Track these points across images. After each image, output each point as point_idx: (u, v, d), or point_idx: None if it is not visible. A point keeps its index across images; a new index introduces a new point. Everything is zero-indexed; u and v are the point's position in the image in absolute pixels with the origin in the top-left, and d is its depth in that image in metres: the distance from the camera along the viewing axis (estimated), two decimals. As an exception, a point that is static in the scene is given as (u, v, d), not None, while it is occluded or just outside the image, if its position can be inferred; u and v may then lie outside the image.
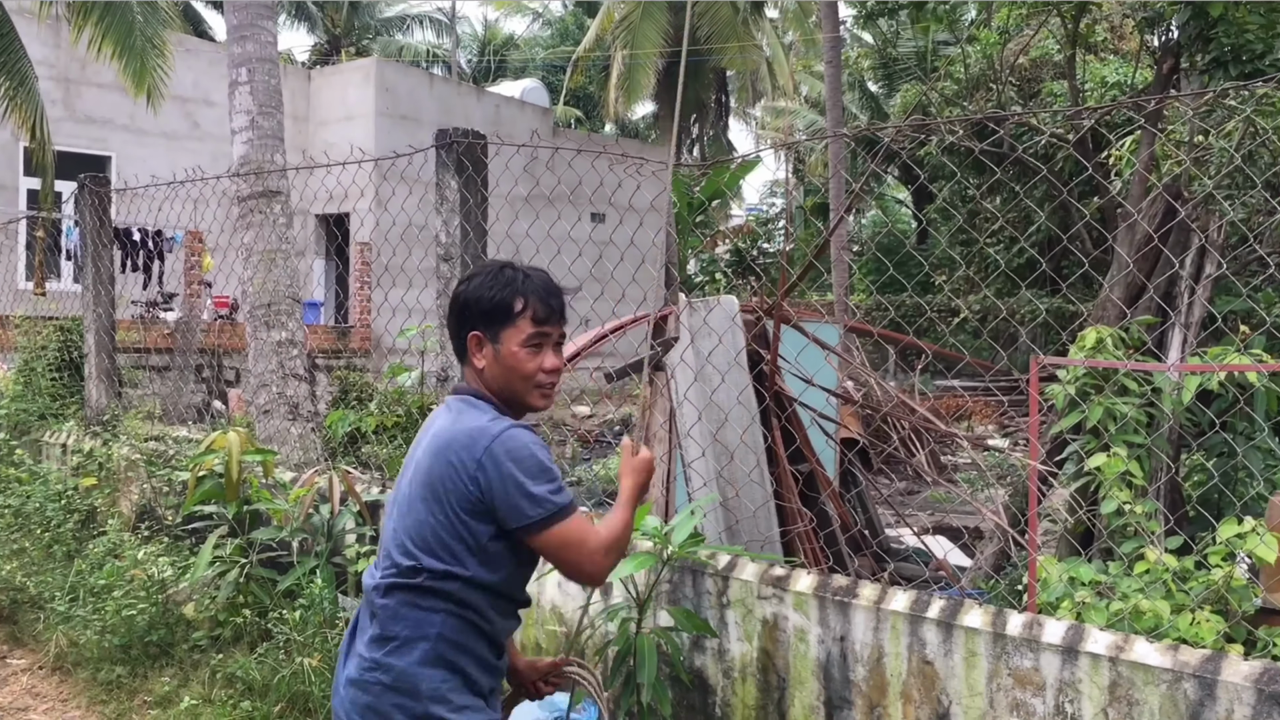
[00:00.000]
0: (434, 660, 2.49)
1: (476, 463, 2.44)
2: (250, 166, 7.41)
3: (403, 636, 2.49)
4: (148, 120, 17.53)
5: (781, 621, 3.94)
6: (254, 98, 7.51)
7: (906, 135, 8.94)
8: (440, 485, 2.48)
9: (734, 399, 4.78)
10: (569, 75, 34.23)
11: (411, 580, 2.49)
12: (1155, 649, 3.12)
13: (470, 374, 2.64)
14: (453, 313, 2.65)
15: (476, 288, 2.60)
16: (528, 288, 2.59)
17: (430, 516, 2.48)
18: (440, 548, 2.48)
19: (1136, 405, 5.40)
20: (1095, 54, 18.68)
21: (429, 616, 2.50)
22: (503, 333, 2.57)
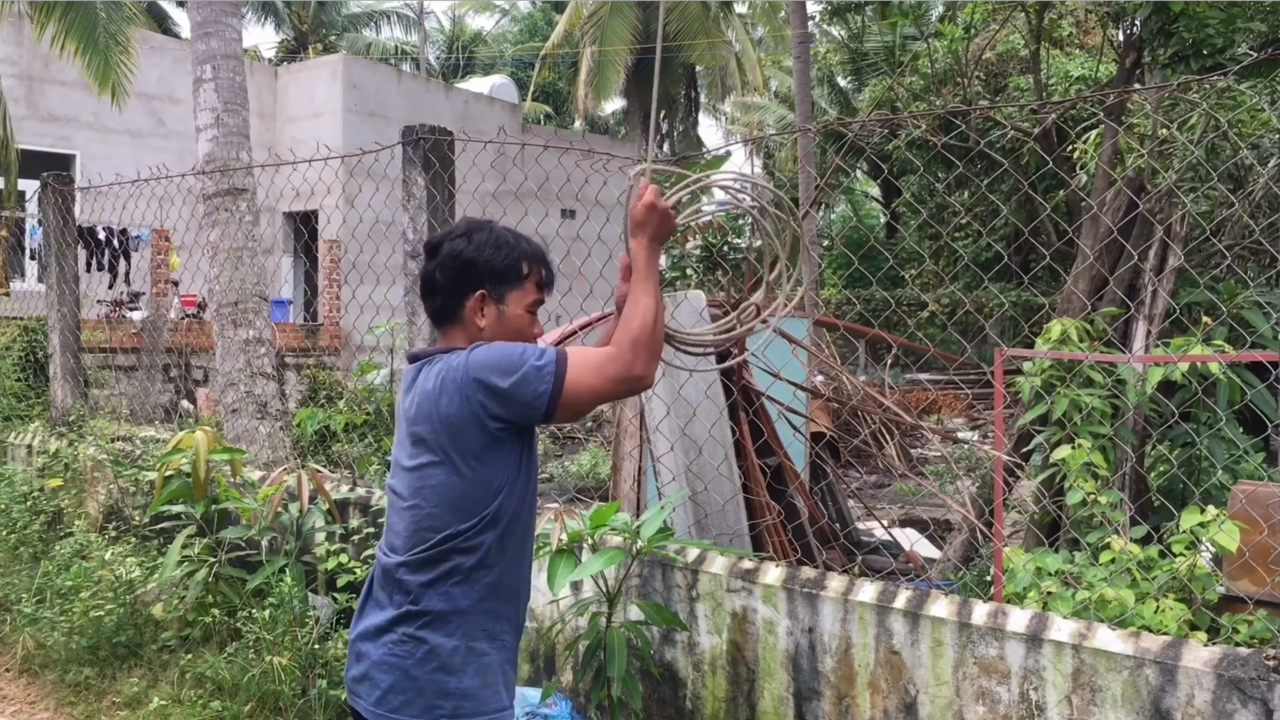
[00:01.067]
0: (470, 631, 2.43)
1: (467, 397, 2.37)
2: (216, 164, 7.37)
3: (437, 611, 2.43)
4: (112, 118, 17.39)
5: (750, 614, 3.96)
6: (219, 95, 7.47)
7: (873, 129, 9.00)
8: (449, 439, 2.40)
9: (702, 393, 4.80)
10: (538, 71, 34.17)
11: (444, 547, 2.43)
12: (1117, 636, 3.16)
13: (457, 336, 2.57)
14: (450, 270, 2.53)
15: (480, 246, 2.53)
16: (532, 250, 2.57)
17: (448, 475, 2.42)
18: (469, 499, 2.41)
19: (1101, 397, 5.46)
20: (1060, 49, 18.84)
21: (464, 588, 2.43)
22: (509, 294, 2.53)
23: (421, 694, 2.41)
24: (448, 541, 2.43)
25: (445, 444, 2.42)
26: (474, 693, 2.43)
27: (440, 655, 2.41)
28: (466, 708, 2.42)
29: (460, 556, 2.43)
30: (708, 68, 33.78)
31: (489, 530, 2.44)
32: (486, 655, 2.46)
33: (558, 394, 2.36)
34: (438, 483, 2.44)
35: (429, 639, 2.42)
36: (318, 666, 4.70)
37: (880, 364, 18.03)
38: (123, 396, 10.58)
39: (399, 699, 2.43)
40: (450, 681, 2.41)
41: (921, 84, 20.01)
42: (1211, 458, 5.66)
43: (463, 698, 2.42)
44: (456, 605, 2.43)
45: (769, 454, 5.24)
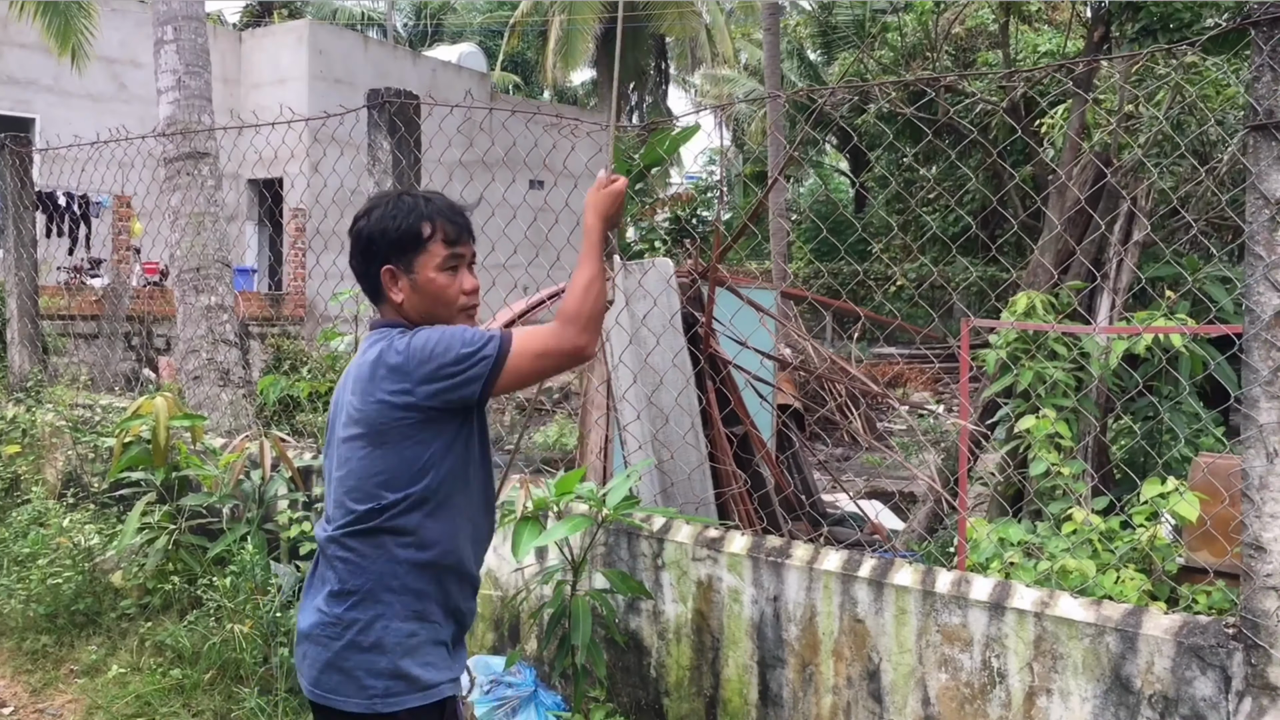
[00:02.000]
0: (398, 612, 2.41)
1: (405, 375, 2.35)
2: (177, 127, 7.25)
3: (364, 589, 2.40)
4: (73, 82, 17.10)
5: (716, 583, 3.96)
6: (180, 57, 7.34)
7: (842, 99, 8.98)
8: (379, 416, 2.38)
9: (669, 362, 4.78)
10: (506, 40, 33.84)
11: (370, 523, 2.40)
12: (1079, 604, 3.18)
13: (388, 310, 2.53)
14: (358, 250, 2.52)
15: (379, 220, 2.49)
16: (432, 210, 2.49)
17: (376, 450, 2.39)
18: (394, 477, 2.39)
19: (1065, 369, 5.49)
20: (1029, 23, 18.86)
21: (390, 566, 2.40)
22: (416, 261, 2.47)
23: (352, 674, 2.40)
24: (373, 518, 2.41)
25: (372, 420, 2.39)
26: (406, 672, 2.40)
27: (369, 635, 2.39)
28: (398, 687, 2.40)
29: (386, 535, 2.41)
30: (678, 39, 33.60)
31: (415, 510, 2.41)
32: (415, 635, 2.43)
33: (494, 378, 2.35)
34: (363, 456, 2.41)
35: (357, 618, 2.40)
36: (279, 634, 4.67)
37: (847, 336, 18.08)
38: (83, 364, 10.43)
39: (333, 679, 2.41)
40: (380, 661, 2.39)
41: (891, 57, 19.98)
42: (1173, 430, 5.71)
43: (393, 677, 2.40)
44: (384, 584, 2.41)
45: (735, 423, 5.23)
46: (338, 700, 2.41)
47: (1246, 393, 2.84)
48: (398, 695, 2.40)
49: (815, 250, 24.39)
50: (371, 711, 2.39)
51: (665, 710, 4.12)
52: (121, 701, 4.65)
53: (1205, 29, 7.01)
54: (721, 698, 3.95)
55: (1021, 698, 3.23)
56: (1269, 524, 2.80)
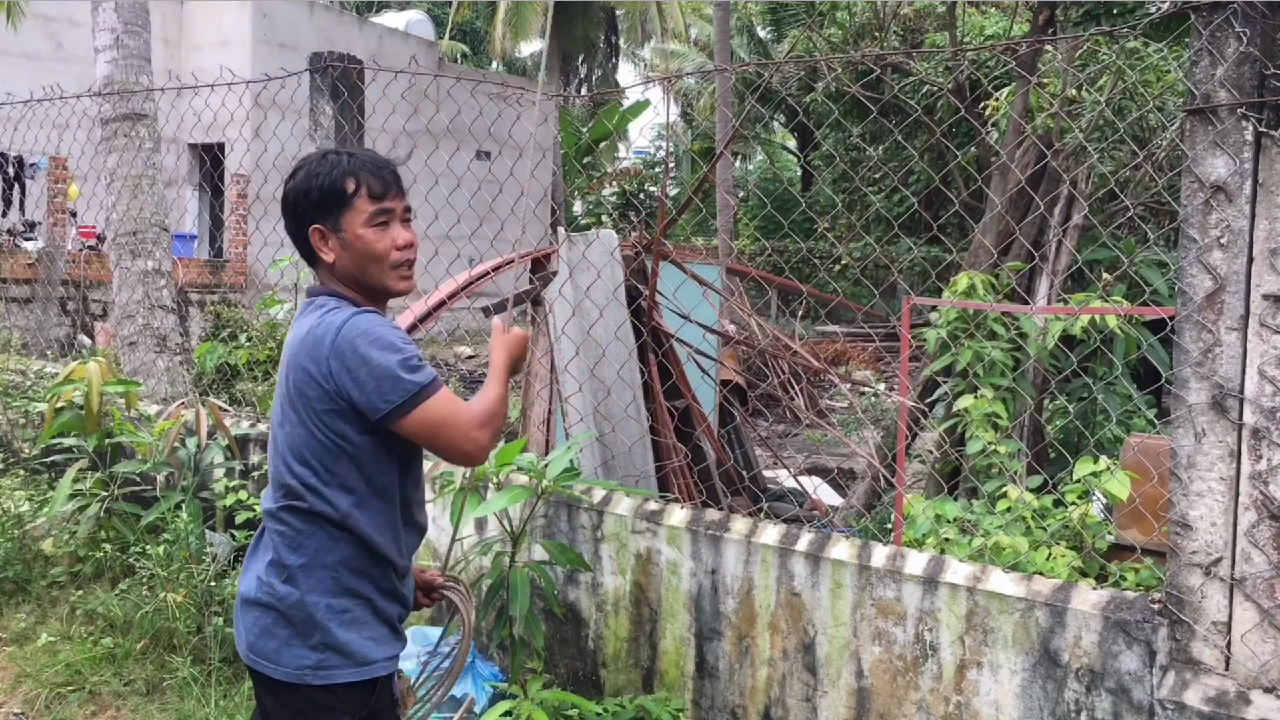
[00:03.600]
0: (332, 588, 2.40)
1: (325, 360, 2.31)
2: (114, 87, 7.08)
3: (297, 565, 2.39)
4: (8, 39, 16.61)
5: (655, 555, 3.97)
6: (119, 15, 7.16)
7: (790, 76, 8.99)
8: (300, 395, 2.36)
9: (611, 334, 4.78)
10: (455, 9, 33.47)
11: (300, 503, 2.38)
12: (1010, 579, 3.23)
13: (322, 274, 2.48)
14: (286, 213, 2.46)
15: (303, 180, 2.43)
16: (355, 165, 2.43)
17: (302, 429, 2.36)
18: (318, 462, 2.36)
19: (1003, 349, 5.56)
20: (976, 7, 19.00)
21: (325, 543, 2.39)
22: (343, 219, 2.41)
23: (287, 644, 2.39)
24: (306, 496, 2.38)
25: (300, 397, 2.37)
26: (339, 646, 2.39)
27: (302, 609, 2.38)
28: (330, 660, 2.39)
29: (318, 513, 2.39)
30: (628, 11, 33.44)
31: (345, 493, 2.39)
32: (349, 611, 2.42)
33: (404, 412, 2.31)
34: (293, 434, 2.39)
35: (291, 592, 2.39)
36: (214, 604, 4.62)
37: (790, 314, 18.18)
38: (15, 329, 10.22)
39: (267, 646, 2.40)
40: (314, 634, 2.38)
41: (840, 36, 20.05)
42: (1106, 410, 5.81)
43: (326, 649, 2.39)
44: (317, 560, 2.39)
45: (677, 397, 5.24)
46: (269, 668, 2.40)
47: (1177, 374, 2.89)
48: (329, 669, 2.39)
49: (761, 227, 24.46)
50: (301, 682, 2.38)
51: (603, 681, 4.13)
52: (51, 670, 4.58)
53: (1148, 14, 7.10)
54: (659, 669, 3.97)
55: (953, 670, 3.28)
56: (1195, 502, 2.86)
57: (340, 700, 2.42)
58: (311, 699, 2.40)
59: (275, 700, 2.45)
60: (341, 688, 2.41)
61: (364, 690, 2.45)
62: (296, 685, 2.39)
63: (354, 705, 2.45)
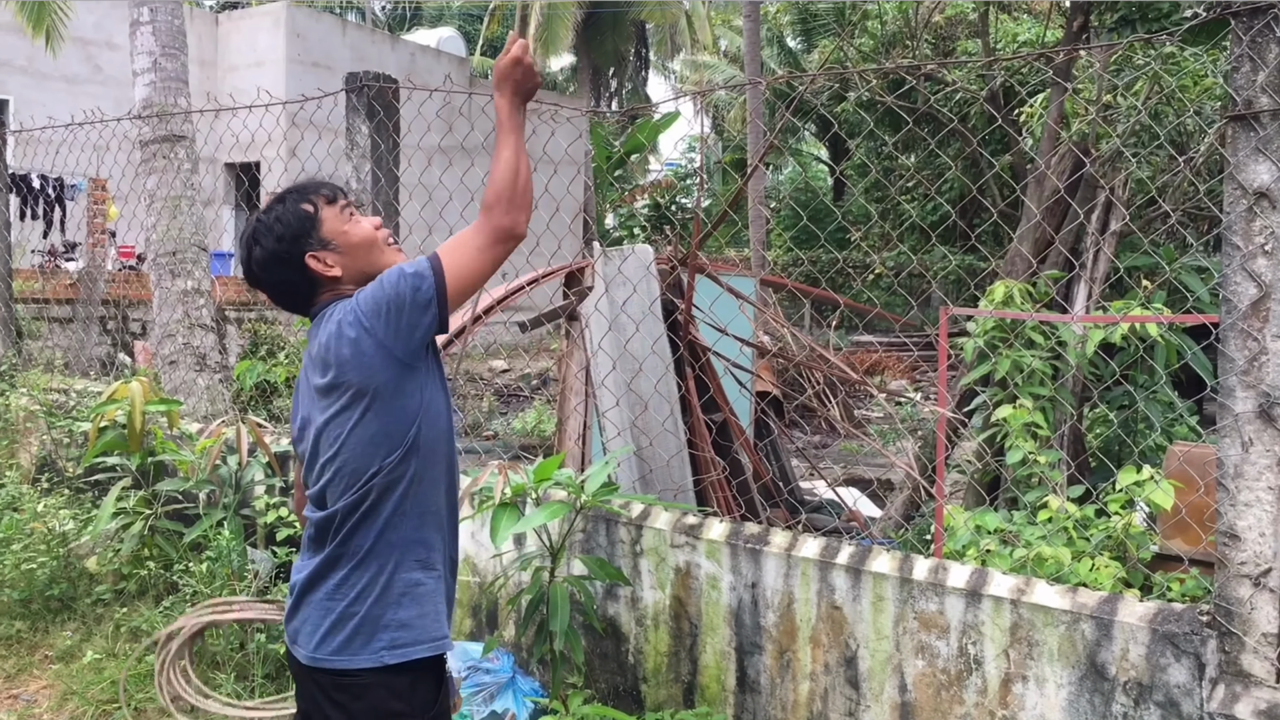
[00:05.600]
0: (404, 563, 2.43)
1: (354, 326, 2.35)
2: (153, 109, 7.18)
3: (365, 547, 2.41)
4: (47, 63, 16.91)
5: (694, 569, 3.97)
6: (156, 38, 7.26)
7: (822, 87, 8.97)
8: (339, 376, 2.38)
9: (648, 348, 4.78)
10: (486, 25, 33.66)
11: (362, 493, 2.40)
12: (1055, 591, 3.20)
13: (328, 296, 2.53)
14: (275, 271, 2.53)
15: (269, 235, 2.51)
16: (299, 194, 2.54)
17: (350, 419, 2.38)
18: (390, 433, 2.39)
19: (1042, 358, 5.52)
20: (1009, 13, 18.91)
21: (392, 519, 2.41)
22: (323, 232, 2.51)
23: (358, 631, 2.39)
24: (375, 478, 2.40)
25: (355, 384, 2.38)
26: (410, 622, 2.41)
27: (373, 590, 2.40)
28: (404, 638, 2.41)
29: (388, 490, 2.41)
30: (658, 25, 33.51)
31: (412, 458, 2.42)
32: (422, 585, 2.45)
33: (442, 289, 2.34)
34: (355, 424, 2.40)
35: (361, 576, 2.41)
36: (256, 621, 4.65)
37: (825, 324, 18.13)
38: (57, 348, 10.35)
39: (337, 639, 2.41)
40: (386, 614, 2.40)
41: (871, 45, 20.00)
42: (1148, 419, 5.75)
43: (399, 628, 2.41)
44: (386, 538, 2.42)
45: (714, 410, 5.23)
46: (342, 660, 2.40)
47: (1223, 382, 2.85)
48: (404, 646, 2.41)
49: (794, 238, 24.41)
50: (379, 664, 2.39)
51: (643, 696, 4.12)
52: (97, 687, 4.62)
53: (1184, 19, 7.03)
54: (699, 684, 3.96)
55: (997, 684, 3.25)
56: (1243, 512, 2.83)
57: (408, 699, 2.42)
58: (382, 701, 2.40)
59: (344, 704, 2.43)
60: (412, 675, 2.42)
61: (433, 682, 2.47)
62: (369, 675, 2.39)
63: (422, 704, 2.46)
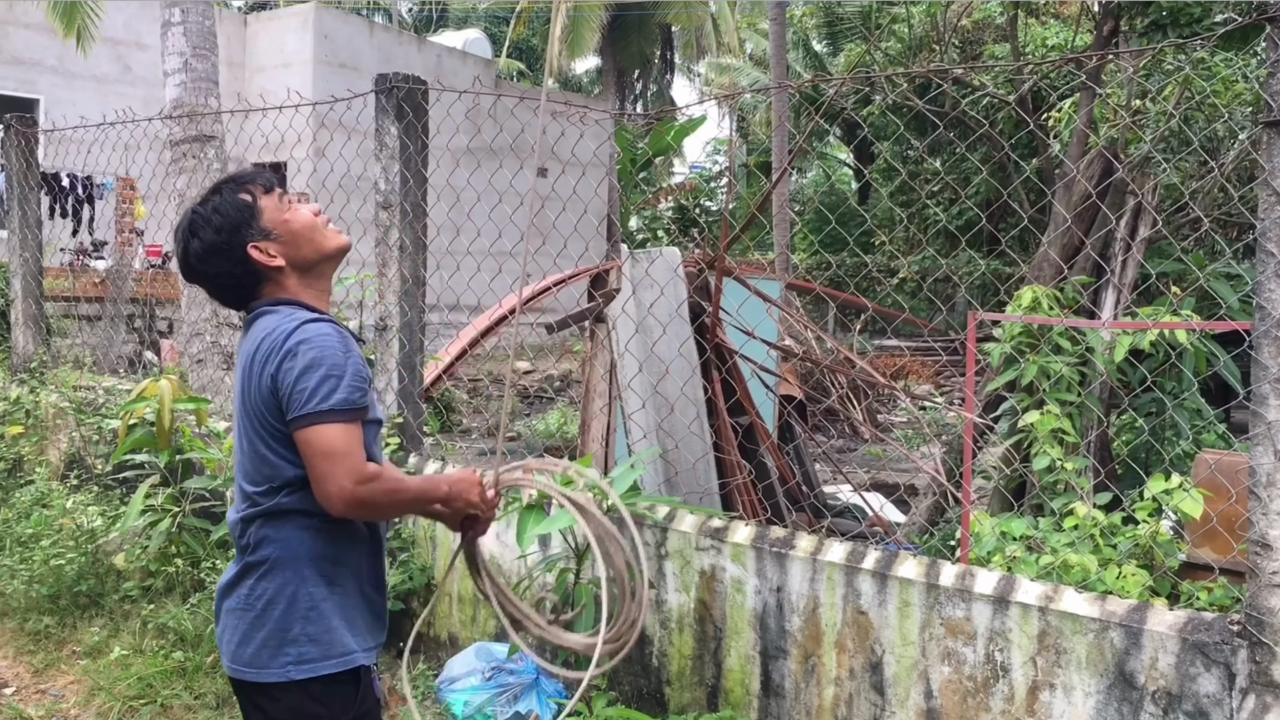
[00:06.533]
0: (310, 578, 2.41)
1: (280, 357, 2.35)
2: (183, 110, 7.24)
3: (274, 558, 2.41)
4: (77, 63, 17.03)
5: (719, 573, 3.96)
6: (187, 39, 7.32)
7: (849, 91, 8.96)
8: (262, 395, 2.38)
9: (675, 351, 4.78)
10: (512, 27, 33.76)
11: (271, 502, 2.40)
12: (1084, 599, 3.18)
13: (271, 289, 2.52)
14: (213, 264, 2.50)
15: (206, 222, 2.48)
16: (234, 184, 2.52)
17: (266, 428, 2.39)
18: (283, 458, 2.38)
19: (1069, 364, 5.48)
20: (1037, 17, 18.82)
21: (299, 533, 2.41)
22: (263, 221, 2.48)
23: (265, 644, 2.40)
24: (280, 491, 2.41)
25: (262, 398, 2.39)
26: (318, 637, 2.41)
27: (279, 603, 2.40)
28: (310, 653, 2.40)
29: (292, 508, 2.41)
30: (683, 27, 33.52)
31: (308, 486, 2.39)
32: (327, 600, 2.43)
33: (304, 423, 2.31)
34: (257, 436, 2.42)
35: (268, 588, 2.41)
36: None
37: (849, 328, 18.08)
38: (86, 346, 10.43)
39: (248, 650, 2.41)
40: (292, 628, 2.40)
41: (898, 49, 19.94)
42: (1177, 426, 5.70)
43: (307, 642, 2.40)
44: (292, 552, 2.41)
45: (740, 413, 5.23)
46: (251, 673, 2.41)
47: (1255, 390, 2.83)
48: (311, 661, 2.40)
49: (819, 241, 24.35)
50: (286, 679, 2.39)
51: (667, 699, 4.12)
52: (124, 683, 4.66)
53: (1215, 24, 6.98)
54: (723, 687, 3.96)
55: (1025, 692, 3.23)
56: (1276, 521, 2.80)
57: (325, 703, 2.42)
58: (298, 704, 2.41)
59: (264, 708, 2.44)
60: (324, 684, 2.41)
61: (348, 687, 2.46)
62: (283, 687, 2.39)
63: (340, 708, 2.45)
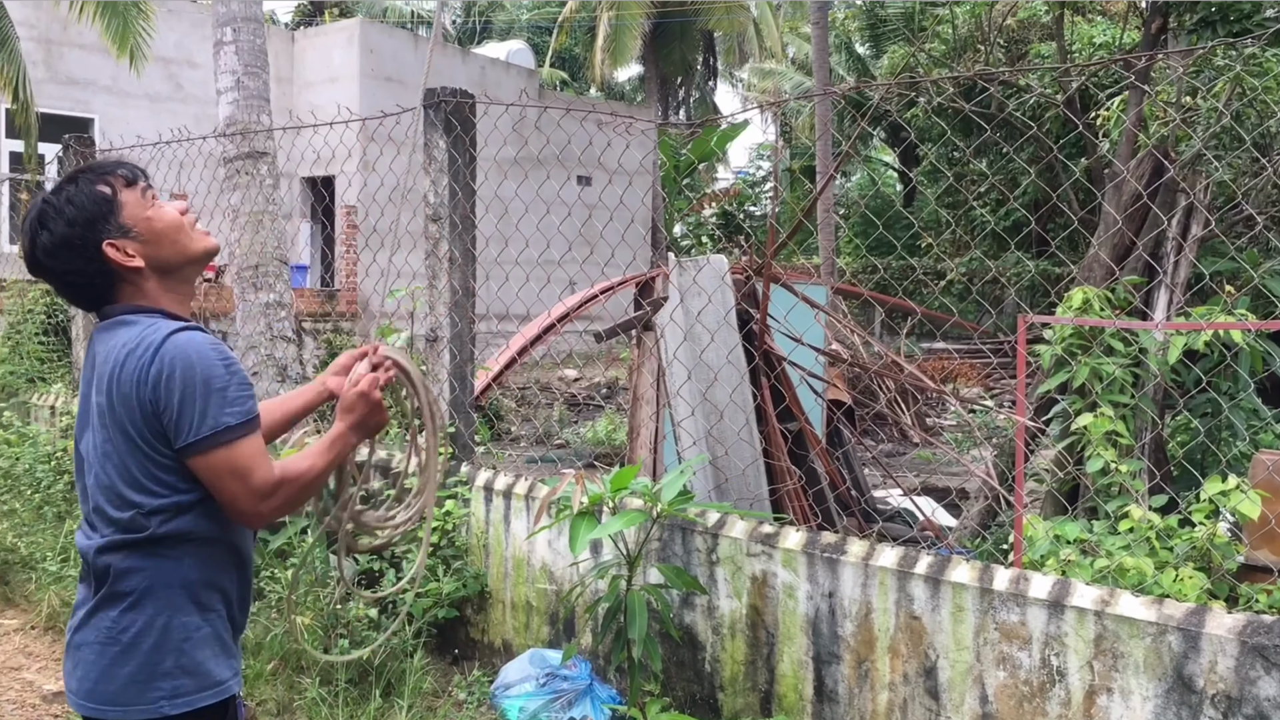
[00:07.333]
0: (183, 606, 2.25)
1: (147, 376, 2.17)
2: (236, 127, 7.36)
3: (142, 589, 2.22)
4: (130, 82, 17.37)
5: (770, 578, 3.98)
6: (239, 58, 7.44)
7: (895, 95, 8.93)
8: (126, 414, 2.20)
9: (723, 358, 4.80)
10: (554, 37, 33.95)
11: (139, 533, 2.22)
12: (1141, 603, 3.16)
13: (127, 290, 2.31)
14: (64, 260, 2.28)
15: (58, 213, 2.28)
16: (93, 175, 2.32)
17: (132, 453, 2.21)
18: (153, 481, 2.21)
19: (1122, 365, 5.44)
20: (1083, 15, 18.64)
21: (168, 562, 2.24)
22: (122, 218, 2.28)
23: (133, 679, 2.23)
24: (155, 517, 2.23)
25: (125, 417, 2.22)
26: (194, 668, 2.26)
27: (149, 635, 2.24)
28: (186, 686, 2.25)
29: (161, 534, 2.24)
30: (725, 33, 33.54)
31: (187, 510, 2.25)
32: (201, 629, 2.28)
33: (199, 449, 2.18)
34: (120, 459, 2.24)
35: (135, 619, 2.24)
36: (339, 626, 4.74)
37: (897, 332, 17.98)
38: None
39: (110, 688, 2.24)
40: (165, 660, 2.24)
41: (942, 50, 19.83)
42: (1233, 427, 5.64)
43: (181, 675, 2.25)
44: (164, 580, 2.24)
45: (790, 419, 5.24)
46: (115, 711, 2.23)
47: (1312, 390, 2.81)
48: (186, 695, 2.25)
49: (865, 244, 24.26)
50: (158, 715, 2.22)
51: (720, 705, 4.14)
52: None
53: (1266, 20, 6.89)
54: (777, 693, 3.97)
55: (1081, 696, 3.22)
56: (1335, 523, 2.78)
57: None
58: None
59: None
60: (196, 715, 2.26)
61: (219, 714, 2.31)
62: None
63: None
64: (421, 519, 2.79)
